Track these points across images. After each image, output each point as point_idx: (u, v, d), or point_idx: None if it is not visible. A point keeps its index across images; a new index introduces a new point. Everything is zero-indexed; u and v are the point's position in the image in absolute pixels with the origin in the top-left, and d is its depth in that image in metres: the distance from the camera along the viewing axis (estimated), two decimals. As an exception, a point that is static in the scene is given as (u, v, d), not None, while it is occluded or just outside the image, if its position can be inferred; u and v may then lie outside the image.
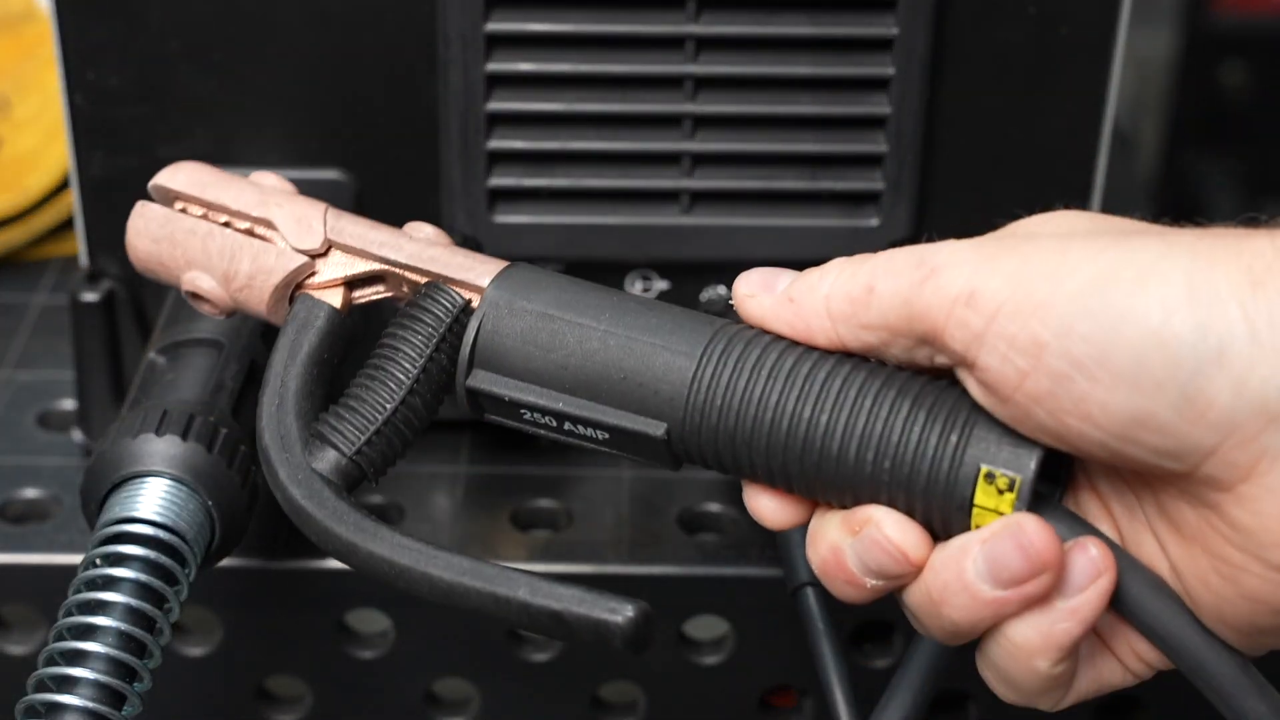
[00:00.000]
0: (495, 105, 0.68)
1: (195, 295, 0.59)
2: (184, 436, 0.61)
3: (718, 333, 0.53)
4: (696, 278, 0.72)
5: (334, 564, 0.70)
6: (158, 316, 0.70)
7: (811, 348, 0.52)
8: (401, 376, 0.55)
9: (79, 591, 0.57)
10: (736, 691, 0.73)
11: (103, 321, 0.72)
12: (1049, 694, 0.52)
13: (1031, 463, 0.50)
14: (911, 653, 0.60)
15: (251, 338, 0.66)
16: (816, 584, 0.63)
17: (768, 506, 0.54)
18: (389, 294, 0.58)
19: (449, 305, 0.56)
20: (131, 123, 0.69)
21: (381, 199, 0.71)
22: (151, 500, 0.60)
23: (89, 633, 0.56)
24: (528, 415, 0.55)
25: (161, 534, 0.59)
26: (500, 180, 0.70)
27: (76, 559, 0.59)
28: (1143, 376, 0.47)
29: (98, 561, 0.58)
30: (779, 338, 0.53)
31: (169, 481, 0.61)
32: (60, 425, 0.77)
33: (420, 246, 0.57)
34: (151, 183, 0.60)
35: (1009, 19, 0.68)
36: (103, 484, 0.61)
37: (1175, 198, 1.46)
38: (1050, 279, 0.48)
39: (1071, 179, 0.71)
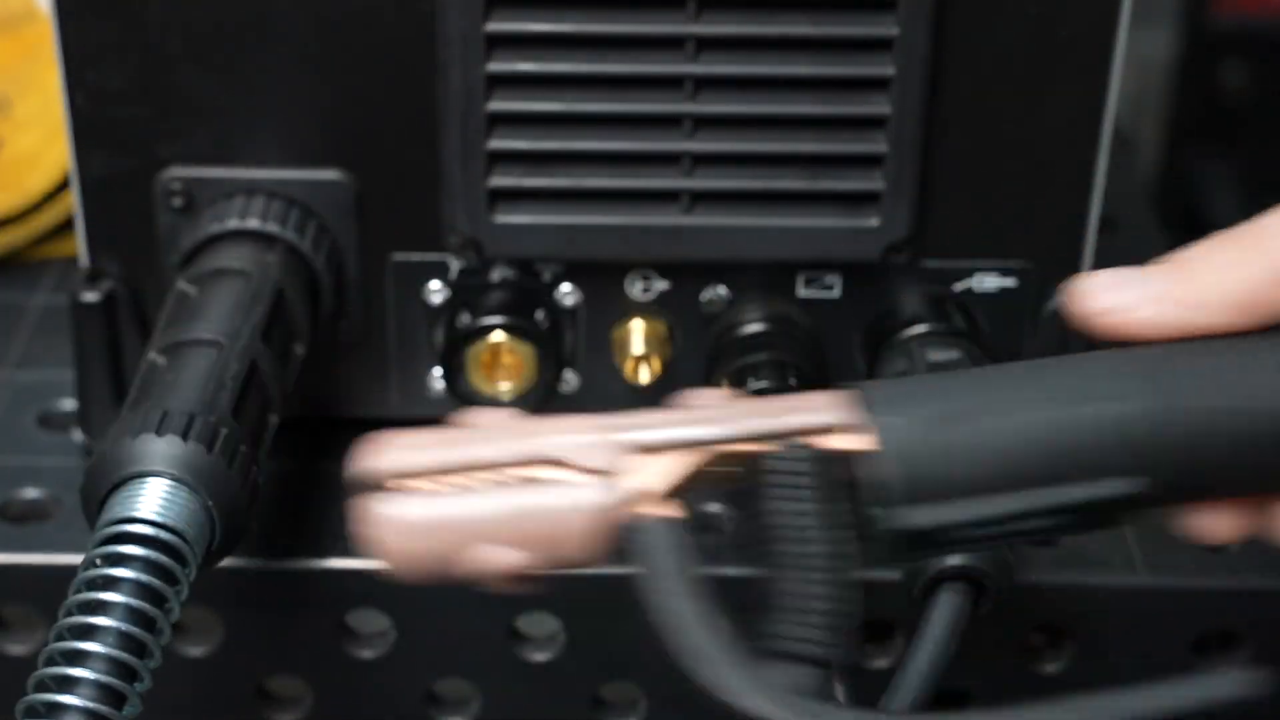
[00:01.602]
0: (495, 105, 0.68)
1: (498, 577, 0.51)
2: (184, 437, 0.61)
3: (1151, 362, 0.48)
4: (696, 278, 0.72)
5: (334, 564, 0.70)
6: (158, 316, 0.70)
7: (1234, 338, 0.48)
8: (823, 563, 0.50)
9: (79, 591, 0.57)
10: (736, 691, 0.73)
11: (103, 321, 0.72)
12: None
13: None
14: (912, 651, 0.60)
15: (252, 338, 0.66)
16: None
17: (1218, 522, 0.50)
18: (702, 480, 0.52)
19: (805, 464, 0.50)
20: (131, 123, 0.69)
21: (381, 199, 0.71)
22: (152, 500, 0.60)
23: (89, 633, 0.56)
24: (972, 533, 0.49)
25: (162, 534, 0.59)
26: (500, 180, 0.70)
27: (76, 559, 0.59)
28: None
29: (98, 561, 0.58)
30: (1209, 344, 0.48)
31: (169, 481, 0.61)
32: (60, 425, 0.77)
33: (730, 413, 0.51)
34: (359, 472, 0.51)
35: (1009, 19, 0.68)
36: (103, 484, 0.61)
37: (1175, 198, 1.46)
38: None
39: (1071, 179, 0.71)
